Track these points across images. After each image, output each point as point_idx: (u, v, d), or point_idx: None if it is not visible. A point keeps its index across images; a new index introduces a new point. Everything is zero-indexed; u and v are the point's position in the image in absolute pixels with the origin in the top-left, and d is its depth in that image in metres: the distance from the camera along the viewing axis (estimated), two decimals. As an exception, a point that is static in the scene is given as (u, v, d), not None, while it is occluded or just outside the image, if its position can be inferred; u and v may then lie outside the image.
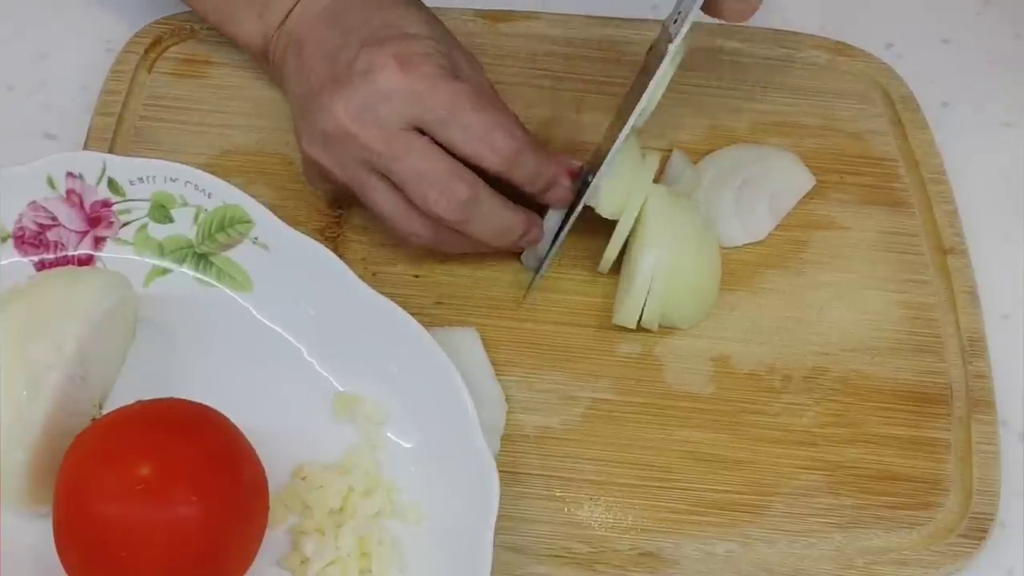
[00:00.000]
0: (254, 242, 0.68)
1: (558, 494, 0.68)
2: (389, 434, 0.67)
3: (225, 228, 0.69)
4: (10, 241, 0.69)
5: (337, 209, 0.74)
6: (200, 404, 0.62)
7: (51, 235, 0.70)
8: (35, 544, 0.63)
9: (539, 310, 0.73)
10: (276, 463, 0.64)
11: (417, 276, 0.73)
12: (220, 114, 0.77)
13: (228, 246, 0.69)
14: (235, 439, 0.61)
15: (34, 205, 0.69)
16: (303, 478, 0.65)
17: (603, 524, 0.67)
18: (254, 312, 0.69)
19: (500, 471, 0.67)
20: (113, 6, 0.82)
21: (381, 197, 0.68)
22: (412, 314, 0.68)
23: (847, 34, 0.83)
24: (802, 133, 0.79)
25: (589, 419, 0.70)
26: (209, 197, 0.68)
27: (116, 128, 0.76)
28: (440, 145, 0.67)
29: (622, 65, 0.81)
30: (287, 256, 0.68)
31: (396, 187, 0.67)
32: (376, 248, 0.74)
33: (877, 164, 0.79)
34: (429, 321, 0.71)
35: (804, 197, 0.77)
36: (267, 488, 0.62)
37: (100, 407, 0.66)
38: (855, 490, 0.69)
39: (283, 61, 0.72)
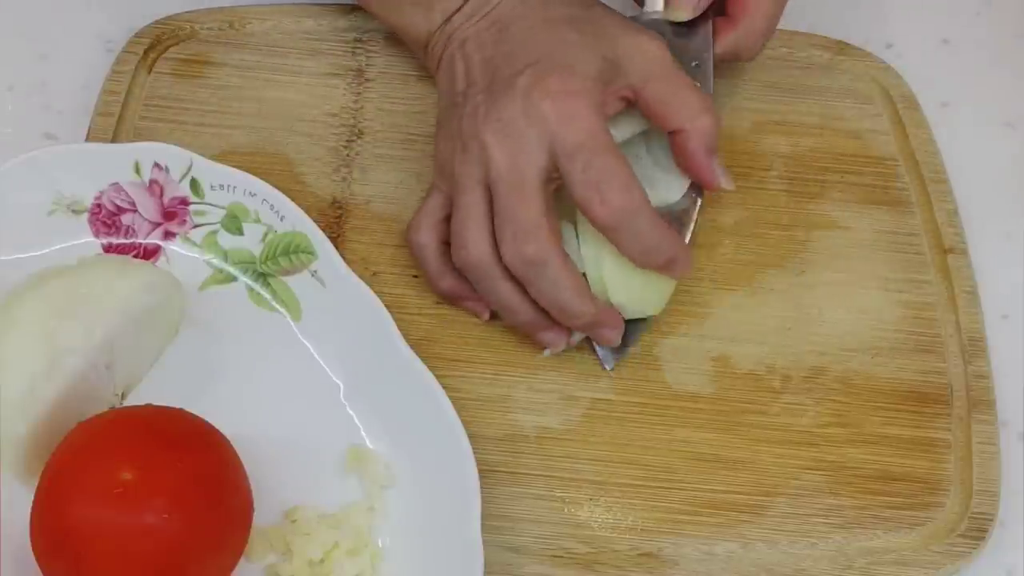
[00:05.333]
0: (312, 275, 0.68)
1: (558, 494, 0.68)
2: (392, 500, 0.65)
3: (289, 254, 0.69)
4: (85, 216, 0.70)
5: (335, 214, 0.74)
6: (205, 421, 0.62)
7: (125, 219, 0.70)
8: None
9: (539, 310, 0.73)
10: (272, 497, 0.64)
11: (416, 276, 0.73)
12: (220, 114, 0.77)
13: (288, 272, 0.69)
14: (229, 463, 0.61)
15: (116, 186, 0.70)
16: (293, 520, 0.65)
17: (603, 524, 0.67)
18: (300, 338, 0.69)
19: (500, 471, 0.67)
20: (113, 6, 0.82)
21: (472, 204, 0.66)
22: (412, 314, 0.67)
23: (847, 34, 0.83)
24: (802, 133, 0.79)
25: (589, 419, 0.70)
26: (282, 220, 0.68)
27: (116, 128, 0.75)
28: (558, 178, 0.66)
29: (622, 65, 0.81)
30: (340, 296, 0.67)
31: (489, 206, 0.66)
32: (376, 248, 0.74)
33: (877, 164, 0.79)
34: (430, 322, 0.71)
35: (804, 197, 0.77)
36: (250, 518, 0.62)
37: (123, 398, 0.66)
38: (855, 490, 0.69)
39: (441, 58, 0.72)
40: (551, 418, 0.70)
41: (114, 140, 0.75)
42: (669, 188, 0.71)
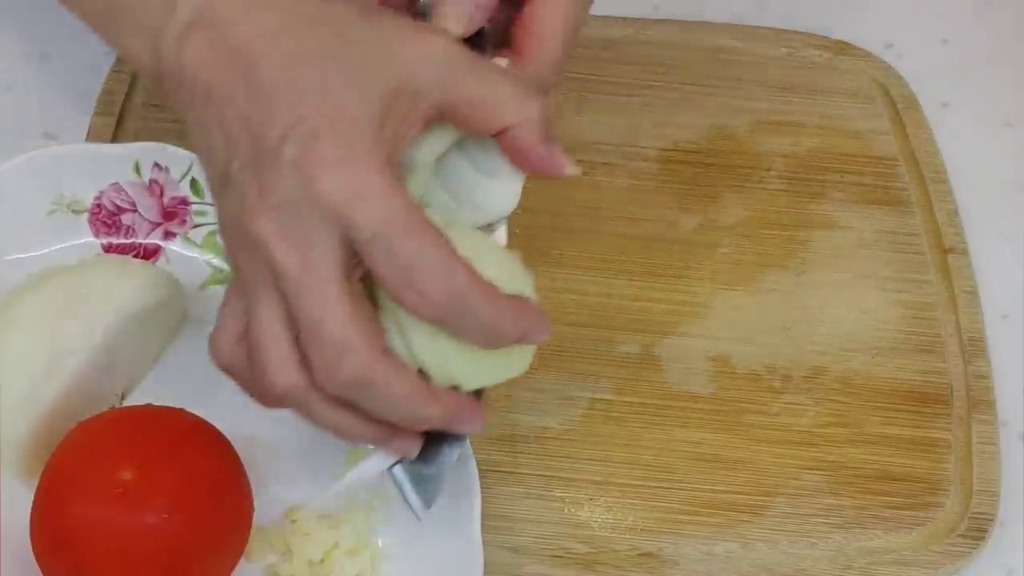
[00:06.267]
0: None
1: (558, 494, 0.68)
2: (392, 500, 0.64)
3: None
4: (85, 216, 0.70)
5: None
6: (205, 421, 0.62)
7: (125, 219, 0.70)
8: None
9: (539, 310, 0.73)
10: (274, 497, 0.64)
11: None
12: (220, 114, 0.77)
13: None
14: (229, 462, 0.61)
15: (116, 186, 0.70)
16: (293, 520, 0.65)
17: (603, 524, 0.67)
18: None
19: (500, 471, 0.67)
20: (113, 6, 0.82)
21: (266, 318, 0.53)
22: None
23: (847, 34, 0.83)
24: (802, 132, 0.79)
25: (589, 419, 0.70)
26: None
27: (116, 128, 0.75)
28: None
29: (622, 65, 0.81)
30: None
31: (288, 314, 0.53)
32: (376, 248, 0.73)
33: (877, 164, 0.79)
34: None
35: (805, 197, 0.77)
36: (250, 518, 0.62)
37: (123, 398, 0.66)
38: (855, 490, 0.69)
39: (191, 108, 0.55)
40: (551, 418, 0.70)
41: (114, 140, 0.75)
42: (503, 197, 0.60)
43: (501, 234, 0.61)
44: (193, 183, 0.70)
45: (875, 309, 0.74)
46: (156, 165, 0.69)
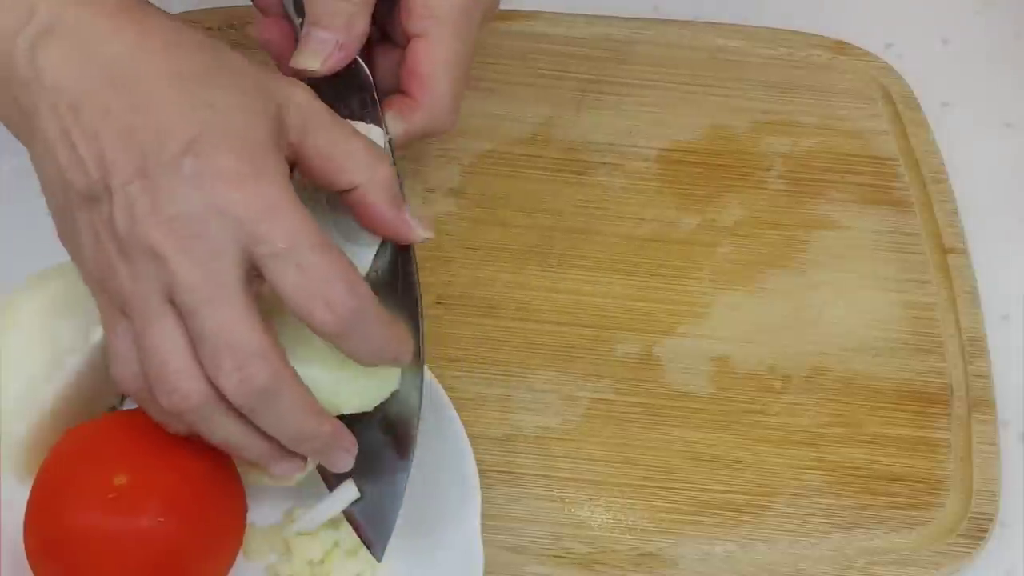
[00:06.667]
0: None
1: (558, 494, 0.68)
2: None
3: None
4: None
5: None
6: None
7: None
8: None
9: (539, 310, 0.73)
10: (274, 497, 0.64)
11: (417, 276, 0.73)
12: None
13: None
14: (221, 463, 0.60)
15: None
16: (293, 520, 0.65)
17: (602, 524, 0.67)
18: None
19: (500, 471, 0.67)
20: (113, 6, 0.82)
21: (166, 335, 0.52)
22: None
23: (847, 34, 0.83)
24: (802, 132, 0.79)
25: (589, 419, 0.70)
26: None
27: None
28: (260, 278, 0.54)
29: (622, 65, 0.81)
30: None
31: (185, 329, 0.53)
32: (376, 248, 0.74)
33: (877, 164, 0.79)
34: (430, 322, 0.71)
35: (805, 197, 0.77)
36: (244, 519, 0.61)
37: (123, 400, 0.66)
38: (855, 490, 0.69)
39: (35, 122, 0.54)
40: (551, 418, 0.70)
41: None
42: (360, 262, 0.60)
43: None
44: None
45: (875, 309, 0.74)
46: None
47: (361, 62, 0.62)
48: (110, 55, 0.53)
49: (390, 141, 0.62)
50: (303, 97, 0.56)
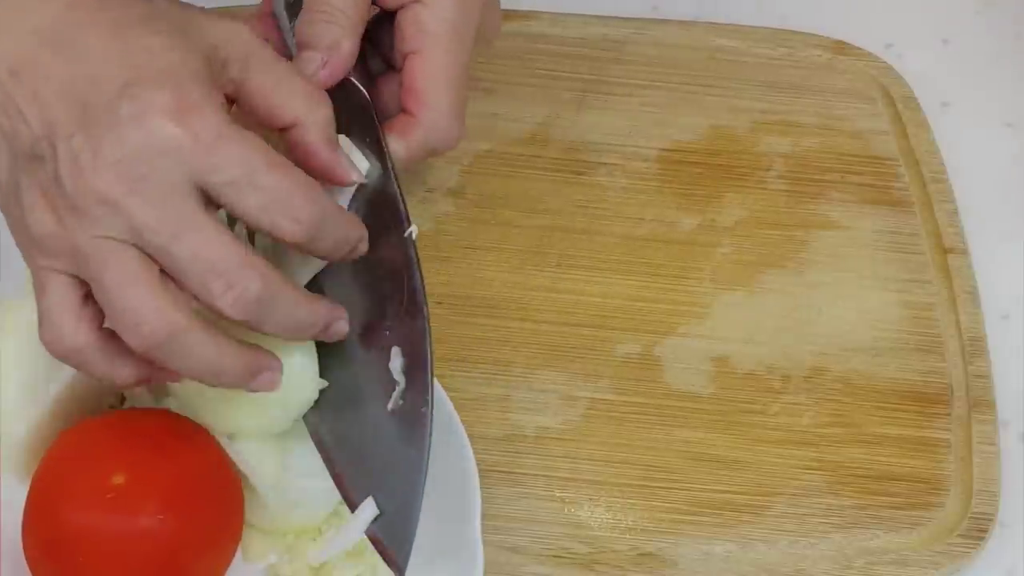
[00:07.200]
0: None
1: (558, 494, 0.68)
2: None
3: None
4: None
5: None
6: (192, 421, 0.61)
7: None
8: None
9: (539, 310, 0.73)
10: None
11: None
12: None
13: None
14: (218, 462, 0.60)
15: None
16: (317, 547, 0.64)
17: (602, 524, 0.67)
18: None
19: (500, 471, 0.67)
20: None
21: (131, 271, 0.52)
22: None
23: (847, 34, 0.83)
24: (802, 132, 0.79)
25: (589, 419, 0.70)
26: None
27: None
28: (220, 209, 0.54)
29: (622, 65, 0.81)
30: None
31: (153, 262, 0.53)
32: (376, 248, 0.74)
33: (877, 164, 0.79)
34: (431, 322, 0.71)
35: (805, 197, 0.77)
36: (241, 517, 0.61)
37: (123, 400, 0.66)
38: (855, 490, 0.69)
39: None
40: (551, 418, 0.70)
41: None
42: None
43: None
44: None
45: (875, 309, 0.74)
46: None
47: (357, 83, 0.62)
48: (45, 16, 0.53)
49: (392, 162, 0.61)
50: (246, 35, 0.56)
